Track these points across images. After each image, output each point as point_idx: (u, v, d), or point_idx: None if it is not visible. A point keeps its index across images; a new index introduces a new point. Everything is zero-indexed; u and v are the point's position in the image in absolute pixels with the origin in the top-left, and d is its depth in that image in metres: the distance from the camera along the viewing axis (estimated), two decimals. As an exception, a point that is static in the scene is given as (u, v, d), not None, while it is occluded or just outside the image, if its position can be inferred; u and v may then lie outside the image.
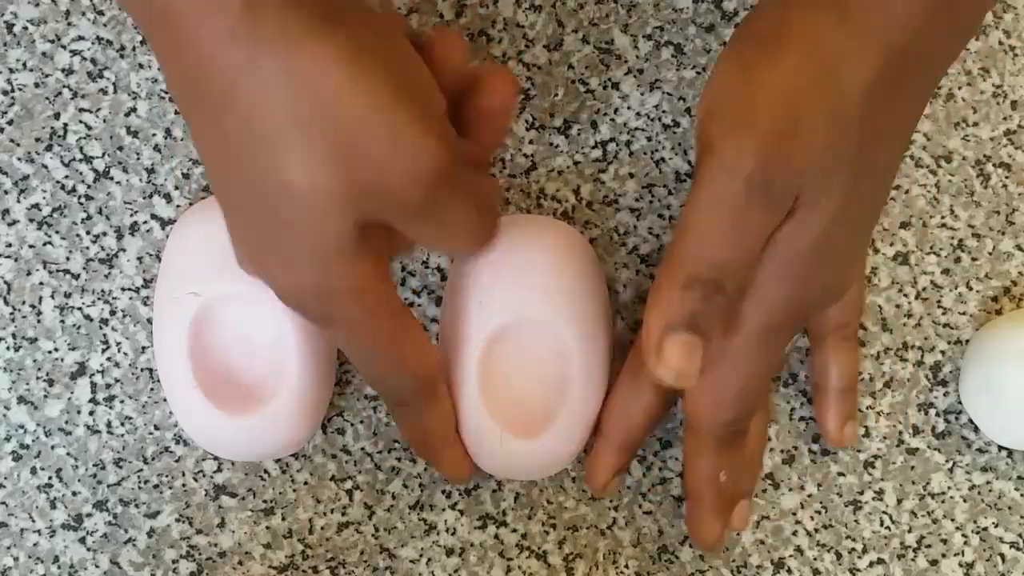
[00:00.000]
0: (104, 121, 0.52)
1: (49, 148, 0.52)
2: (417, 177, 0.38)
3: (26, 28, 0.52)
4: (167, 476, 0.52)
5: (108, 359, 0.52)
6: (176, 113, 0.52)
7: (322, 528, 0.52)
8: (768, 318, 0.42)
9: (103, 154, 0.52)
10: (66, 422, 0.52)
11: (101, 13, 0.53)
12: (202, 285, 0.48)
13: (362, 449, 0.52)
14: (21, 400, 0.52)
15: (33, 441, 0.52)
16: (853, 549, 0.53)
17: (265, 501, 0.52)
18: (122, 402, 0.52)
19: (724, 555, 0.52)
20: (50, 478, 0.52)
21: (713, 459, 0.47)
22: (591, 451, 0.50)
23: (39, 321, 0.52)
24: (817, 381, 0.52)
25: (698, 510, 0.48)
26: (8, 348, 0.52)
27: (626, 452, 0.50)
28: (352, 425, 0.52)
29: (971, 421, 0.53)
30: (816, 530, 0.53)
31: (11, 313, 0.52)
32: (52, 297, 0.52)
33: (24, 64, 0.52)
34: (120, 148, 0.52)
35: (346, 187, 0.38)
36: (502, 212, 0.53)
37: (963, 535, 0.53)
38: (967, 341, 0.53)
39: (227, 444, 0.49)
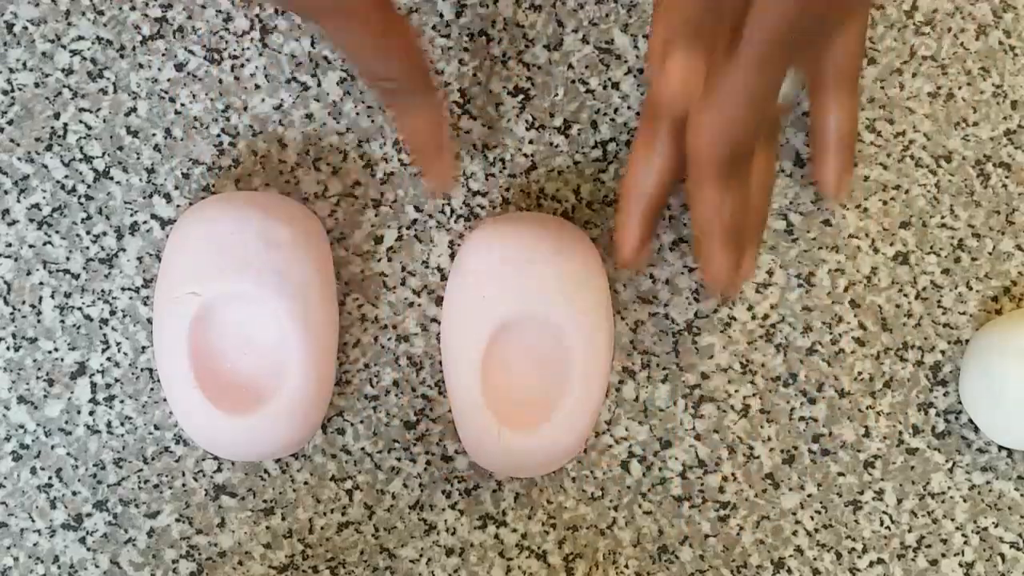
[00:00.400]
0: (104, 121, 0.52)
1: (49, 148, 0.52)
2: None
3: (26, 28, 0.52)
4: (167, 476, 0.52)
5: (108, 359, 0.52)
6: (176, 113, 0.52)
7: (322, 528, 0.52)
8: (768, 34, 0.40)
9: (103, 154, 0.52)
10: (66, 422, 0.52)
11: (101, 13, 0.53)
12: (202, 285, 0.48)
13: (362, 449, 0.52)
14: (21, 400, 0.52)
15: (33, 441, 0.52)
16: (853, 549, 0.53)
17: (265, 501, 0.52)
18: (122, 402, 0.52)
19: (724, 555, 0.52)
20: (50, 478, 0.52)
21: (717, 192, 0.45)
22: (615, 228, 0.49)
23: (39, 321, 0.52)
24: (815, 131, 0.51)
25: (708, 246, 0.46)
26: (8, 348, 0.52)
27: (648, 221, 0.49)
28: (352, 425, 0.52)
29: (971, 421, 0.53)
30: (816, 530, 0.53)
31: (11, 313, 0.52)
32: (52, 297, 0.52)
33: (24, 64, 0.52)
34: (120, 148, 0.52)
35: None
36: (502, 213, 0.53)
37: (963, 535, 0.53)
38: (967, 341, 0.53)
39: (227, 444, 0.49)
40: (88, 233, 0.52)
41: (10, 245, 0.52)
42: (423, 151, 0.49)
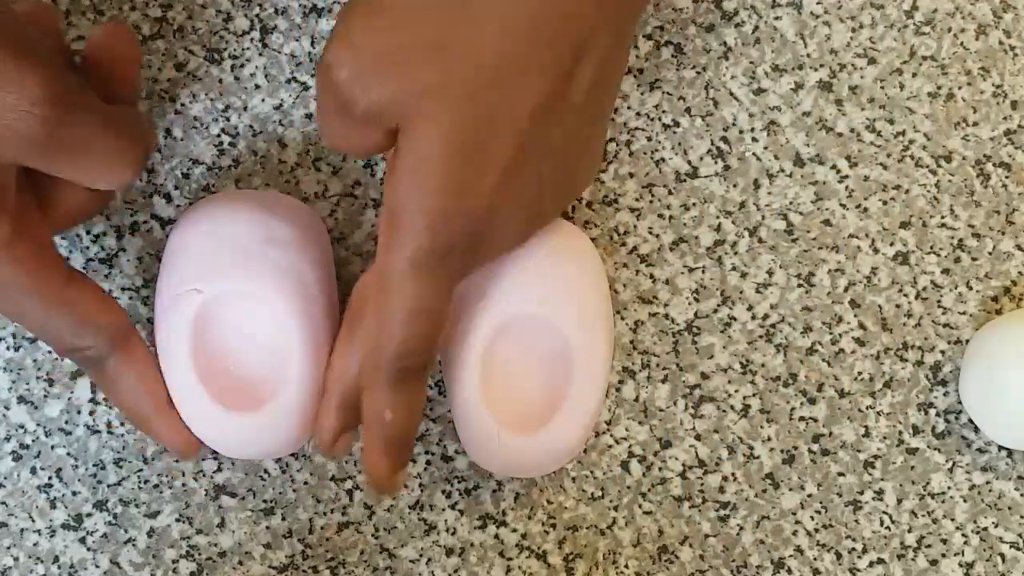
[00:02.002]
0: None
1: (49, 148, 0.52)
2: (30, 102, 0.40)
3: (26, 28, 0.52)
4: (167, 476, 0.52)
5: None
6: (176, 113, 0.52)
7: (322, 528, 0.52)
8: (409, 252, 0.42)
9: (103, 154, 0.52)
10: (66, 422, 0.52)
11: (101, 13, 0.53)
12: (204, 282, 0.48)
13: (362, 449, 0.52)
14: (21, 400, 0.52)
15: (33, 441, 0.52)
16: (853, 549, 0.53)
17: (265, 501, 0.52)
18: (122, 402, 0.52)
19: (724, 555, 0.52)
20: (50, 478, 0.52)
21: (383, 398, 0.45)
22: (317, 416, 0.48)
23: (39, 321, 0.52)
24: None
25: (367, 446, 0.46)
26: (8, 348, 0.52)
27: (349, 408, 0.48)
28: (352, 425, 0.52)
29: (971, 421, 0.53)
30: (816, 530, 0.53)
31: (11, 313, 0.52)
32: (52, 297, 0.52)
33: (24, 64, 0.52)
34: (120, 148, 0.52)
35: None
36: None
37: (963, 535, 0.53)
38: (967, 341, 0.53)
39: (228, 442, 0.49)
40: (88, 233, 0.52)
41: (10, 245, 0.52)
42: (142, 421, 0.47)
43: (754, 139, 0.53)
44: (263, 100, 0.53)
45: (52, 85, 0.40)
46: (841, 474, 0.53)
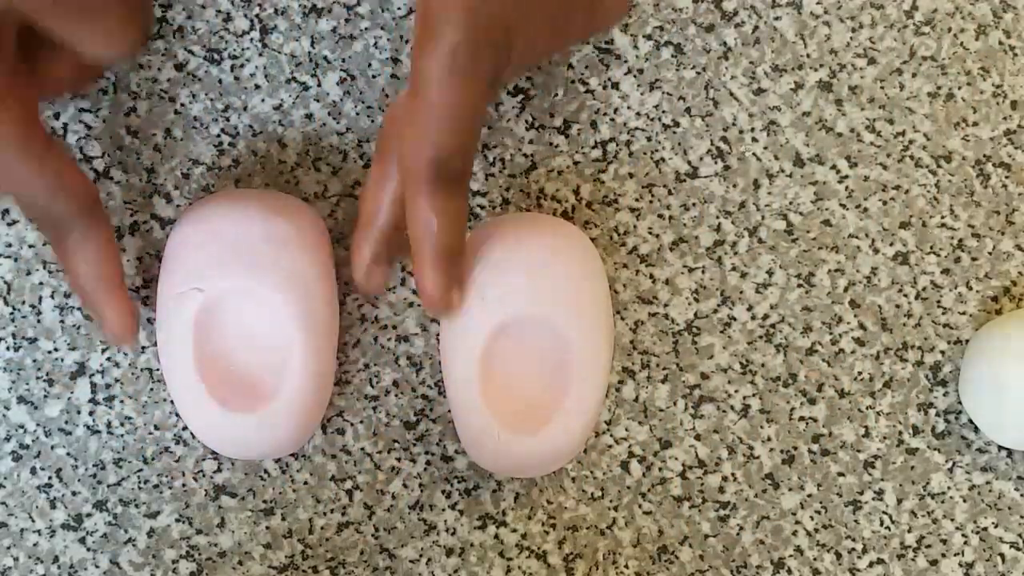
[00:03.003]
0: (104, 121, 0.52)
1: (49, 148, 0.52)
2: None
3: (26, 28, 0.53)
4: (167, 476, 0.52)
5: (108, 359, 0.52)
6: (176, 113, 0.52)
7: (322, 528, 0.52)
8: (444, 50, 0.42)
9: (103, 154, 0.52)
10: (66, 422, 0.52)
11: (101, 13, 0.53)
12: (206, 280, 0.48)
13: (362, 449, 0.52)
14: (21, 400, 0.52)
15: (33, 441, 0.52)
16: (853, 549, 0.53)
17: (265, 501, 0.52)
18: (122, 402, 0.52)
19: (724, 555, 0.52)
20: (50, 478, 0.52)
21: (427, 208, 0.44)
22: (351, 249, 0.47)
23: (39, 321, 0.52)
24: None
25: (419, 264, 0.45)
26: (8, 348, 0.52)
27: (382, 242, 0.47)
28: (352, 425, 0.52)
29: (971, 421, 0.53)
30: (816, 530, 0.53)
31: (11, 313, 0.52)
32: (52, 297, 0.52)
33: (24, 64, 0.52)
34: (120, 148, 0.52)
35: None
36: (502, 213, 0.53)
37: (963, 535, 0.53)
38: (967, 341, 0.53)
39: (230, 442, 0.49)
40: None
41: (10, 245, 0.52)
42: (93, 294, 0.47)
43: (754, 139, 0.53)
44: (263, 100, 0.53)
45: None
46: (841, 474, 0.53)
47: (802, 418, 0.53)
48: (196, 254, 0.48)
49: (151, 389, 0.52)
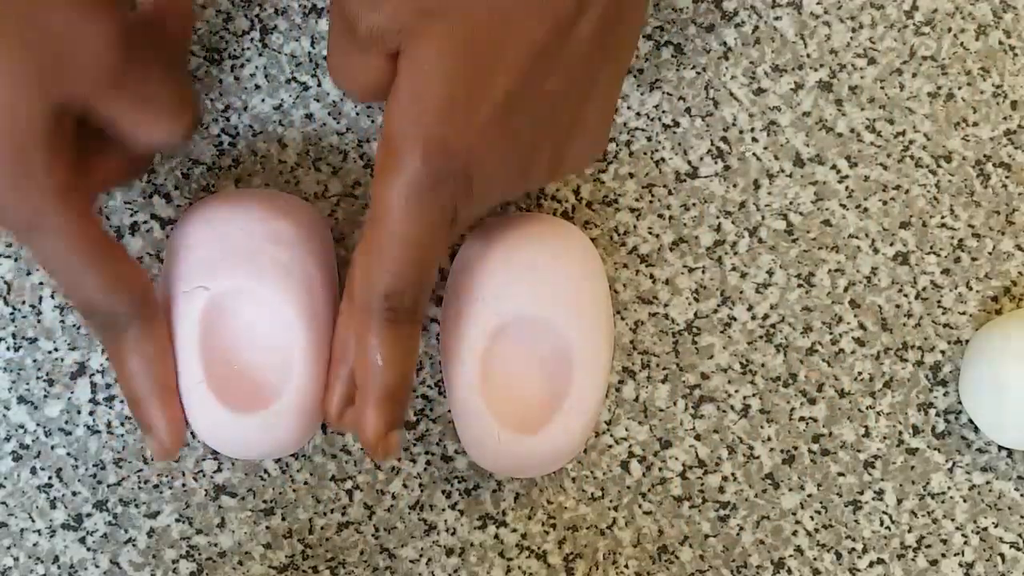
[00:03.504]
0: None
1: (49, 148, 0.52)
2: (106, 42, 0.40)
3: (26, 28, 0.52)
4: (167, 476, 0.52)
5: (108, 359, 0.52)
6: (176, 113, 0.52)
7: (322, 528, 0.52)
8: (402, 179, 0.41)
9: (103, 154, 0.52)
10: (66, 422, 0.52)
11: (101, 13, 0.53)
12: (210, 279, 0.48)
13: (362, 449, 0.52)
14: (21, 400, 0.52)
15: (33, 441, 0.52)
16: (853, 549, 0.53)
17: (265, 501, 0.52)
18: (122, 402, 0.52)
19: (724, 555, 0.52)
20: (50, 478, 0.52)
21: (372, 339, 0.44)
22: (325, 389, 0.47)
23: (39, 321, 0.52)
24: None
25: (360, 402, 0.45)
26: (8, 348, 0.52)
27: (352, 384, 0.47)
28: (352, 425, 0.52)
29: (971, 421, 0.53)
30: (816, 530, 0.53)
31: (11, 313, 0.52)
32: (52, 297, 0.52)
33: (24, 64, 0.52)
34: (120, 148, 0.52)
35: (33, 62, 0.39)
36: (503, 213, 0.53)
37: (963, 535, 0.53)
38: (967, 341, 0.53)
39: (231, 441, 0.49)
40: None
41: (10, 245, 0.52)
42: (145, 399, 0.46)
43: (754, 139, 0.53)
44: (263, 100, 0.53)
45: (125, 29, 0.41)
46: (841, 474, 0.53)
47: (802, 418, 0.53)
48: (200, 254, 0.48)
49: (151, 389, 0.52)
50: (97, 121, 0.43)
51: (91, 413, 0.52)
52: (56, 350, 0.52)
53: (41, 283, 0.52)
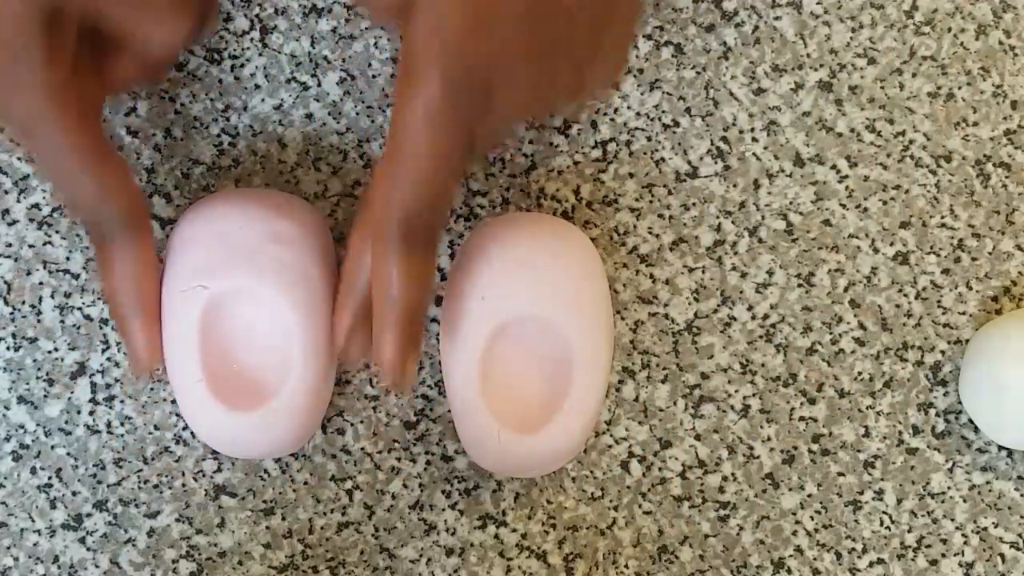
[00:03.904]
0: (104, 121, 0.52)
1: (49, 148, 0.52)
2: None
3: (26, 28, 0.52)
4: (167, 476, 0.52)
5: (108, 359, 0.52)
6: (176, 113, 0.52)
7: (322, 528, 0.52)
8: (423, 98, 0.41)
9: (103, 154, 0.52)
10: (66, 422, 0.52)
11: (101, 13, 0.53)
12: (210, 279, 0.48)
13: (362, 449, 0.52)
14: (21, 400, 0.52)
15: (33, 441, 0.52)
16: (853, 549, 0.53)
17: (265, 501, 0.52)
18: (122, 402, 0.52)
19: (724, 555, 0.52)
20: (50, 478, 0.52)
21: (393, 266, 0.43)
22: (332, 319, 0.47)
23: (39, 321, 0.52)
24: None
25: (378, 325, 0.45)
26: (8, 348, 0.52)
27: (362, 314, 0.47)
28: (352, 425, 0.52)
29: (971, 421, 0.53)
30: (816, 530, 0.53)
31: (11, 313, 0.52)
32: (52, 297, 0.52)
33: (24, 64, 0.52)
34: (120, 148, 0.52)
35: None
36: (502, 213, 0.53)
37: (963, 535, 0.53)
38: (967, 341, 0.53)
39: (230, 441, 0.49)
40: (88, 233, 0.52)
41: (10, 245, 0.52)
42: (124, 308, 0.46)
43: (754, 139, 0.53)
44: (263, 100, 0.53)
45: None
46: (841, 474, 0.53)
47: (802, 418, 0.53)
48: (200, 252, 0.48)
49: (151, 389, 0.52)
50: (100, 23, 0.43)
51: (91, 413, 0.52)
52: (56, 350, 0.52)
53: (41, 283, 0.52)
